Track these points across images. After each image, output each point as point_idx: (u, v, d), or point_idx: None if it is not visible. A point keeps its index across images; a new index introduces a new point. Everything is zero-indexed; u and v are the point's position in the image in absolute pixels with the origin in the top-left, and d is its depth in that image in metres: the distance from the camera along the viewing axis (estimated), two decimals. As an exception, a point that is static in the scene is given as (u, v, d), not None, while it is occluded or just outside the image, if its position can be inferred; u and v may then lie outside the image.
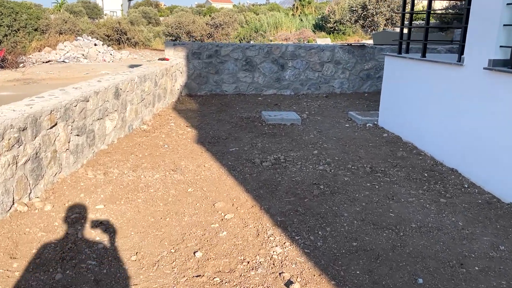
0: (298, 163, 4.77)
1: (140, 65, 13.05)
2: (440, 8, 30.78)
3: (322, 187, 4.07)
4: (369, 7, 26.74)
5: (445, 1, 30.18)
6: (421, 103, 5.28)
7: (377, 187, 4.10)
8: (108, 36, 27.37)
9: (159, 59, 8.21)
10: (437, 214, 3.54)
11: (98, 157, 4.73)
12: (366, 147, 5.35)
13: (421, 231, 3.24)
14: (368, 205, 3.69)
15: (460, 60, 4.62)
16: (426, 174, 4.45)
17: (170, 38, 30.92)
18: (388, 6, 26.76)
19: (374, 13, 26.80)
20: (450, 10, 14.32)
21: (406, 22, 6.16)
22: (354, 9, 27.96)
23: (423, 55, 5.42)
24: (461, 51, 4.63)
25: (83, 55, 18.39)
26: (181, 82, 8.63)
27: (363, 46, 8.96)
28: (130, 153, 4.96)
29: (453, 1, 12.23)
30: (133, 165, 4.57)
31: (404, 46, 6.06)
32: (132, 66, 14.43)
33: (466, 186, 4.16)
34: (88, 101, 4.53)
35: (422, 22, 34.04)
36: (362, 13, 27.58)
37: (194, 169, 4.54)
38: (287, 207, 3.61)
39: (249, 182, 4.19)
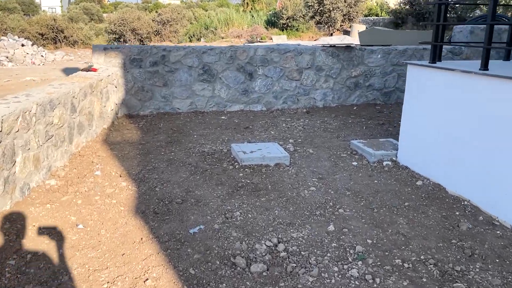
0: (310, 260, 2.71)
1: (76, 68, 10.44)
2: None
3: None
4: (325, 2, 25.17)
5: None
6: (488, 137, 3.40)
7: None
8: (42, 34, 23.99)
9: (82, 70, 5.85)
10: None
11: None
12: (404, 212, 3.39)
13: None
14: None
15: None
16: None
17: (114, 36, 27.87)
18: (345, 1, 25.34)
19: (331, 9, 25.29)
20: None
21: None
22: (310, 4, 26.30)
23: (485, 67, 3.53)
24: None
25: (7, 57, 15.35)
26: (117, 100, 6.31)
27: (349, 48, 7.04)
28: (7, 255, 2.68)
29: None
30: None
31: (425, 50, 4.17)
32: (66, 70, 11.77)
33: None
34: None
35: (376, 17, 33.03)
36: (318, 9, 26.00)
37: (126, 297, 2.38)
38: None
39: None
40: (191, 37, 32.99)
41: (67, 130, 4.44)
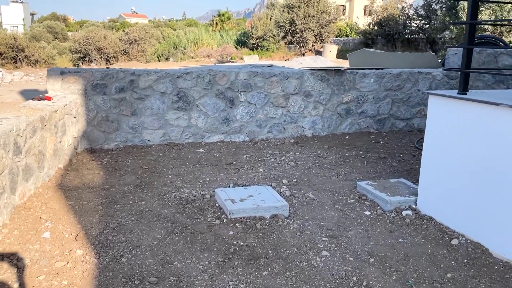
0: None
1: (36, 90, 9.28)
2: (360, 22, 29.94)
3: None
4: (297, 22, 24.87)
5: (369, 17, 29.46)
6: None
7: None
8: (0, 54, 22.47)
9: (34, 99, 4.85)
10: None
11: None
12: None
13: None
14: None
15: None
16: None
17: (78, 55, 26.61)
18: (316, 22, 25.13)
19: (303, 29, 25.01)
20: None
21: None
22: (282, 24, 25.96)
23: (539, 101, 2.85)
24: None
25: (-43, 78, 13.94)
26: (76, 133, 5.34)
27: (340, 71, 6.37)
28: None
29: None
30: None
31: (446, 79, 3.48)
32: (24, 92, 10.59)
33: None
34: None
35: (347, 38, 33.19)
36: (290, 29, 25.67)
37: None
38: None
39: None
40: (160, 57, 32.05)
41: (8, 178, 3.45)
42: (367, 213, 3.69)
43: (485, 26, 18.75)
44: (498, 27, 18.94)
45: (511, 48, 6.81)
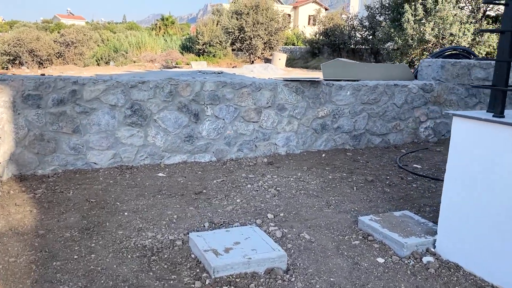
0: None
1: None
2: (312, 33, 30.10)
3: None
4: (246, 29, 24.25)
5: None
6: None
7: None
8: None
9: None
10: None
11: None
12: None
13: None
14: None
15: None
16: None
17: (8, 57, 24.13)
18: (265, 30, 24.66)
19: (252, 36, 24.42)
20: None
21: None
22: (230, 31, 25.22)
23: None
24: None
25: None
26: (1, 156, 4.18)
27: (315, 83, 5.70)
28: None
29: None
30: None
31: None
32: None
33: None
34: None
35: (294, 46, 33.18)
36: (239, 36, 24.97)
37: None
38: None
39: None
40: (99, 60, 30.09)
41: None
42: (381, 260, 2.99)
43: (428, 38, 19.29)
44: (440, 39, 19.57)
45: (483, 60, 6.54)
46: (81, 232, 3.28)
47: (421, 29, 19.35)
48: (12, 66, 23.49)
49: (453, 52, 7.27)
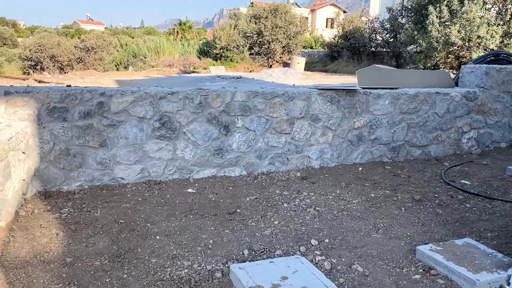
0: None
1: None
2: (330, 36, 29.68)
3: None
4: (265, 33, 23.97)
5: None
6: None
7: None
8: None
9: (-38, 130, 3.48)
10: None
11: None
12: None
13: None
14: None
15: None
16: None
17: (29, 63, 24.39)
18: (284, 33, 24.34)
19: (270, 40, 24.12)
20: None
21: None
22: (249, 35, 24.98)
23: None
24: None
25: None
26: (25, 173, 3.95)
27: (352, 91, 5.36)
28: None
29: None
30: None
31: None
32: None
33: None
34: None
35: (312, 50, 32.82)
36: (257, 40, 24.70)
37: None
38: None
39: None
40: (118, 65, 30.30)
41: None
42: (449, 299, 2.63)
43: (454, 40, 18.66)
44: (466, 41, 18.94)
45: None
46: (111, 260, 3.01)
47: (447, 31, 18.76)
48: (33, 72, 23.71)
49: (494, 58, 6.83)
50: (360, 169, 5.38)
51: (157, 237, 3.39)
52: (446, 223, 3.77)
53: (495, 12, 19.64)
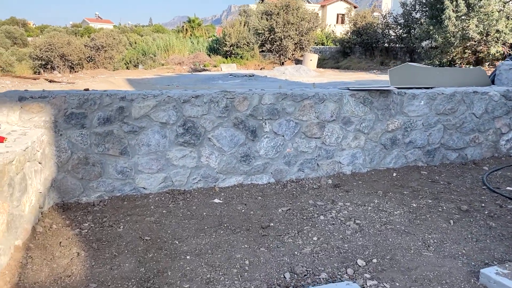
0: None
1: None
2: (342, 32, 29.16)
3: None
4: (276, 30, 23.56)
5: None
6: None
7: None
8: None
9: (-26, 141, 3.20)
10: None
11: None
12: None
13: None
14: None
15: None
16: None
17: (39, 62, 24.26)
18: (296, 30, 23.90)
19: (282, 37, 23.69)
20: None
21: None
22: (260, 32, 24.58)
23: None
24: None
25: None
26: (42, 184, 3.67)
27: (385, 92, 5.00)
28: None
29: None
30: None
31: None
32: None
33: None
34: None
35: (323, 46, 32.33)
36: (269, 37, 24.29)
37: None
38: None
39: None
40: (128, 64, 30.15)
41: None
42: (529, 335, 2.29)
43: (472, 35, 18.10)
44: (484, 36, 18.38)
45: None
46: (140, 285, 2.70)
47: (464, 25, 18.20)
48: (44, 71, 23.58)
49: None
50: (395, 174, 5.02)
51: (187, 256, 3.08)
52: (503, 238, 3.41)
53: (513, 5, 19.02)
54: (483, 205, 4.10)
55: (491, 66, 18.65)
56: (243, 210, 3.95)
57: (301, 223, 3.69)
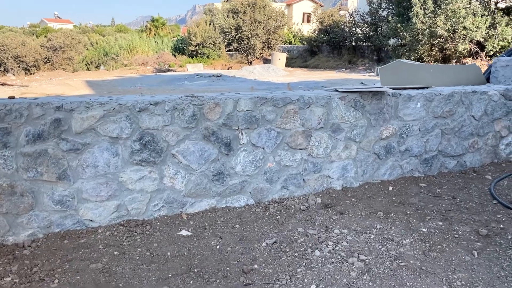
0: None
1: None
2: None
3: None
4: (243, 28, 22.72)
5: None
6: None
7: None
8: None
9: None
10: None
11: None
12: None
13: None
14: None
15: None
16: None
17: (-9, 65, 22.41)
18: (264, 28, 23.14)
19: (250, 36, 22.87)
20: None
21: None
22: (227, 31, 23.67)
23: None
24: None
25: None
26: None
27: (378, 94, 4.28)
28: None
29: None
30: None
31: None
32: None
33: None
34: None
35: (291, 45, 31.80)
36: (236, 35, 23.41)
37: None
38: None
39: None
40: (88, 65, 28.56)
41: None
42: None
43: (439, 32, 17.94)
44: (451, 33, 18.26)
45: None
46: None
47: (431, 23, 18.03)
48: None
49: (527, 48, 5.89)
50: (391, 188, 4.32)
51: (145, 327, 2.22)
52: (543, 275, 2.74)
53: (478, 2, 19.05)
54: (501, 226, 3.45)
55: (458, 64, 18.58)
56: (217, 246, 3.11)
57: (293, 262, 2.89)
